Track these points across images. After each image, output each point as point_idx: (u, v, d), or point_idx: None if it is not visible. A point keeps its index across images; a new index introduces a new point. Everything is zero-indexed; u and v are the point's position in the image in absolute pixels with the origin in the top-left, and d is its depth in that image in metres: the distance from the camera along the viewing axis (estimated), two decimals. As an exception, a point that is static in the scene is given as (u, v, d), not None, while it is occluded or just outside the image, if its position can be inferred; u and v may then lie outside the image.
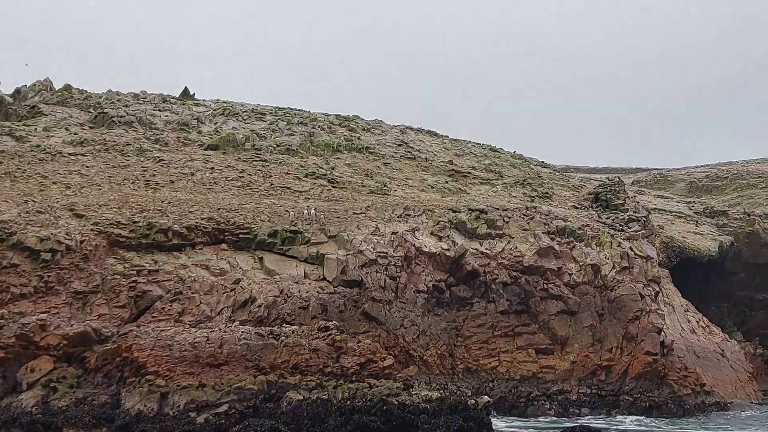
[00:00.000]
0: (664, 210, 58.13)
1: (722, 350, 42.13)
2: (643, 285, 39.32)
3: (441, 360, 34.76)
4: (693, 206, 61.30)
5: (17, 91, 50.92)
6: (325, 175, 44.14)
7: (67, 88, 52.99)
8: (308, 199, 40.16)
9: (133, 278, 32.72)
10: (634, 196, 51.34)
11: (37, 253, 32.11)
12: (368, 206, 39.66)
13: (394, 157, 49.67)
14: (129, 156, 43.18)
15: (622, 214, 44.47)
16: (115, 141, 44.64)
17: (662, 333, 37.95)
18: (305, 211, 37.07)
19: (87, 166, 40.89)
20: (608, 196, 46.75)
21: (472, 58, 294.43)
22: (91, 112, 49.19)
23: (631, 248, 40.67)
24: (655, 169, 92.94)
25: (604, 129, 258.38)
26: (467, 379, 34.89)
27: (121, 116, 48.41)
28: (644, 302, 38.30)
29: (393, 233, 36.94)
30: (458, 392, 31.30)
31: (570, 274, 38.46)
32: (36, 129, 45.08)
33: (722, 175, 77.42)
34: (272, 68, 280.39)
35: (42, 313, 30.29)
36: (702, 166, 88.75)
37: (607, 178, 58.18)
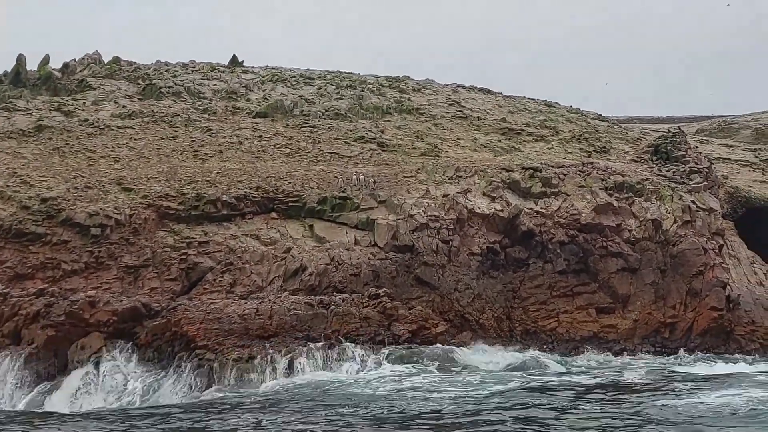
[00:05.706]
0: (729, 159, 56.14)
1: (791, 302, 40.56)
2: (707, 239, 37.82)
3: (498, 323, 33.78)
4: (759, 153, 59.07)
5: (65, 66, 50.36)
6: (374, 138, 43.21)
7: (116, 60, 52.56)
8: (357, 164, 39.42)
9: (184, 250, 32.46)
10: (696, 147, 49.53)
11: (86, 228, 32.06)
12: (418, 169, 38.73)
13: (446, 117, 48.42)
14: (177, 127, 42.79)
15: (684, 165, 42.85)
16: (163, 112, 44.27)
17: (728, 287, 36.56)
18: (354, 177, 36.41)
19: (135, 139, 40.61)
20: (668, 147, 45.03)
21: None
22: (139, 84, 48.81)
23: (693, 201, 39.18)
24: (720, 116, 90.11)
25: (665, 75, 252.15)
26: (526, 342, 33.96)
27: (169, 87, 47.99)
28: (708, 256, 36.83)
29: (444, 196, 36.04)
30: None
31: (630, 231, 37.20)
32: (84, 103, 44.80)
33: (790, 119, 74.72)
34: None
35: (93, 288, 30.21)
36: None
37: (669, 128, 56.30)
